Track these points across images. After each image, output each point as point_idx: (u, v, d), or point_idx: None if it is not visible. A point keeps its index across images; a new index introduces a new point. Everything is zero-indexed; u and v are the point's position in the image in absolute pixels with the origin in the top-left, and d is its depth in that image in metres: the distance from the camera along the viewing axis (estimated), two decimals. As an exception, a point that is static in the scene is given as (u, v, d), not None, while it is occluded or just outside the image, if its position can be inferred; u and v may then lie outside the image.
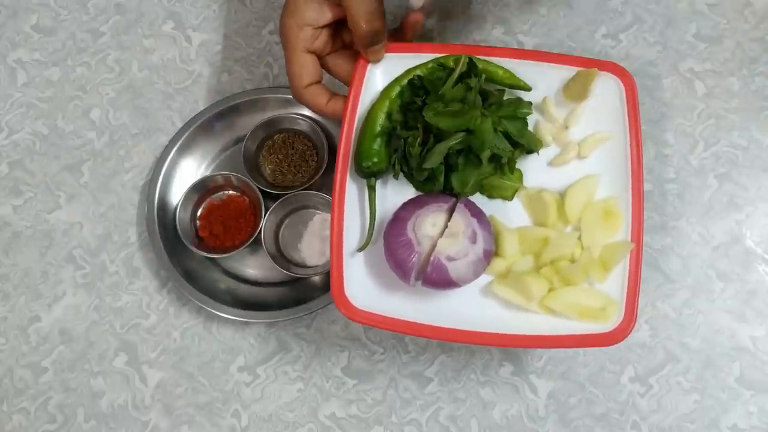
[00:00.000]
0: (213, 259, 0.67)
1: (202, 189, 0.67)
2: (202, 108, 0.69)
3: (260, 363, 0.64)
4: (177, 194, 0.67)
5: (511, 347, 0.58)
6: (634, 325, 0.52)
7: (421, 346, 0.64)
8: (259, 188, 0.65)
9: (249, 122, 0.67)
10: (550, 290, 0.53)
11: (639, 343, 0.63)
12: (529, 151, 0.55)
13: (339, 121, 0.54)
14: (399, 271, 0.51)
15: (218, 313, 0.63)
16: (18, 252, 0.68)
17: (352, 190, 0.54)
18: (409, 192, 0.55)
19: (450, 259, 0.50)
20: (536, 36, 0.70)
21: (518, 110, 0.54)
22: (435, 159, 0.52)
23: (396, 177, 0.55)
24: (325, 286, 0.64)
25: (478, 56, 0.54)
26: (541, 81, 0.55)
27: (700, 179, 0.66)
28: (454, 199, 0.53)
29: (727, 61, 0.69)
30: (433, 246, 0.51)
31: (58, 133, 0.71)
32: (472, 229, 0.51)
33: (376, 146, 0.53)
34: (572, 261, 0.54)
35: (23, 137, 0.71)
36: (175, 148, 0.67)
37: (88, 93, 0.72)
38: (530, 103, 0.55)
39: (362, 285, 0.53)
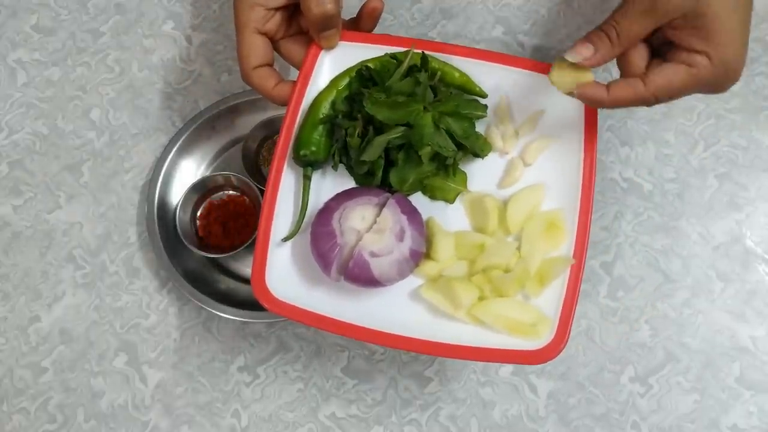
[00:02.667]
0: (213, 259, 0.67)
1: (202, 189, 0.67)
2: (202, 108, 0.69)
3: (260, 363, 0.64)
4: (177, 194, 0.67)
5: (433, 356, 0.55)
6: (564, 345, 0.49)
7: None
8: (259, 188, 0.65)
9: (249, 122, 0.67)
10: (480, 299, 0.50)
11: (639, 343, 0.63)
12: (475, 155, 0.53)
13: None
14: (321, 262, 0.49)
15: (218, 313, 0.63)
16: (18, 252, 0.68)
17: (289, 179, 0.52)
18: (348, 185, 0.53)
19: (373, 255, 0.48)
20: (536, 36, 0.70)
21: (467, 110, 0.52)
22: (373, 152, 0.50)
23: (335, 168, 0.53)
24: None
25: (435, 53, 0.52)
26: (500, 83, 0.53)
27: (700, 179, 0.66)
28: (387, 195, 0.51)
29: (727, 61, 0.69)
30: (359, 240, 0.49)
31: (58, 133, 0.71)
32: (400, 226, 0.49)
33: (316, 135, 0.52)
34: (506, 271, 0.51)
35: (23, 137, 0.71)
36: (175, 148, 0.67)
37: (88, 93, 0.72)
38: (485, 106, 0.53)
39: (286, 276, 0.51)
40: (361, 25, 0.55)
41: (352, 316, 0.50)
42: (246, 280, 0.67)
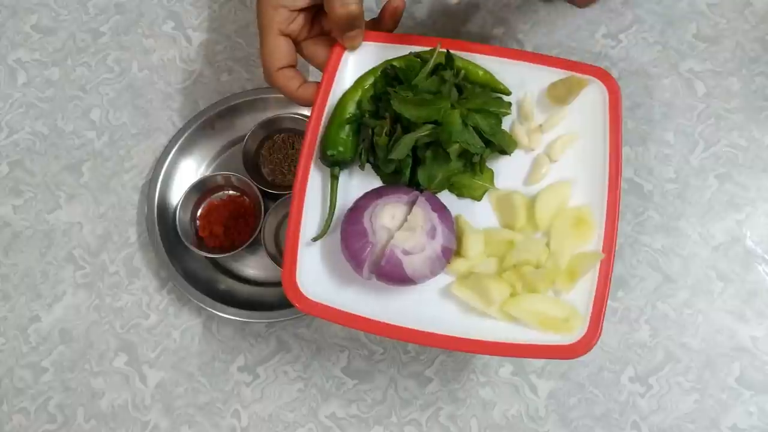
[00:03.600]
0: (213, 259, 0.67)
1: (202, 189, 0.67)
2: (202, 108, 0.69)
3: (260, 363, 0.64)
4: (177, 194, 0.67)
5: (466, 352, 0.55)
6: (597, 340, 0.49)
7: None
8: (259, 188, 0.65)
9: (249, 122, 0.67)
10: (511, 296, 0.50)
11: (639, 343, 0.63)
12: (502, 152, 0.53)
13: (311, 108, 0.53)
14: (353, 261, 0.49)
15: (218, 313, 0.63)
16: (18, 252, 0.68)
17: (316, 179, 0.52)
18: (375, 184, 0.53)
19: (406, 253, 0.48)
20: (536, 36, 0.70)
21: (494, 107, 0.52)
22: (401, 150, 0.50)
23: (362, 167, 0.53)
24: None
25: (459, 52, 0.53)
26: (523, 81, 0.54)
27: (700, 179, 0.66)
28: (416, 193, 0.50)
29: (727, 61, 0.69)
30: (390, 239, 0.48)
31: (58, 133, 0.71)
32: (431, 224, 0.48)
33: (343, 135, 0.51)
34: (537, 267, 0.51)
35: (23, 137, 0.71)
36: (175, 148, 0.67)
37: (88, 93, 0.72)
38: (509, 104, 0.53)
39: (317, 276, 0.51)
40: (382, 25, 0.55)
41: (384, 314, 0.49)
42: (246, 280, 0.67)
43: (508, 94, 0.54)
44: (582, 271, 0.50)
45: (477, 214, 0.53)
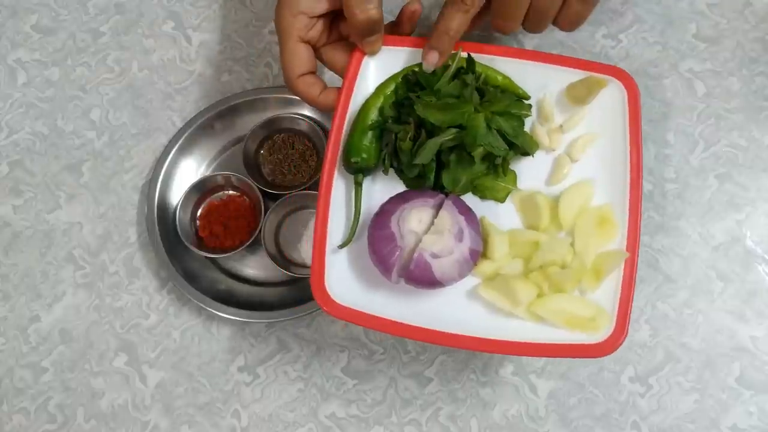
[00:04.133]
0: (213, 259, 0.67)
1: (202, 189, 0.67)
2: (202, 108, 0.69)
3: (260, 363, 0.64)
4: (177, 194, 0.67)
5: (495, 353, 0.56)
6: (624, 338, 0.49)
7: (421, 345, 0.64)
8: (259, 188, 0.65)
9: (249, 122, 0.67)
10: (538, 296, 0.51)
11: (639, 343, 0.63)
12: (524, 153, 0.54)
13: (331, 114, 0.54)
14: (381, 266, 0.50)
15: (218, 313, 0.63)
16: (18, 252, 0.68)
17: (339, 185, 0.53)
18: (398, 189, 0.54)
19: (434, 256, 0.48)
20: (536, 36, 0.70)
21: (515, 110, 0.52)
22: (426, 155, 0.50)
23: (386, 172, 0.54)
24: None
25: (478, 55, 0.53)
26: (542, 82, 0.54)
27: (700, 179, 0.66)
28: (441, 196, 0.51)
29: (727, 61, 0.69)
30: (418, 242, 0.49)
31: (58, 133, 0.71)
32: (458, 226, 0.49)
33: (366, 141, 0.52)
34: (563, 267, 0.52)
35: (23, 137, 0.71)
36: (175, 148, 0.67)
37: (88, 93, 0.72)
38: (530, 106, 0.54)
39: (344, 281, 0.52)
40: (400, 29, 0.55)
41: (412, 317, 0.50)
42: (246, 280, 0.67)
43: (528, 98, 0.54)
44: (607, 270, 0.51)
45: (501, 216, 0.54)
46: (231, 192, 0.68)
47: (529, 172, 0.54)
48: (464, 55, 0.53)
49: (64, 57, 0.73)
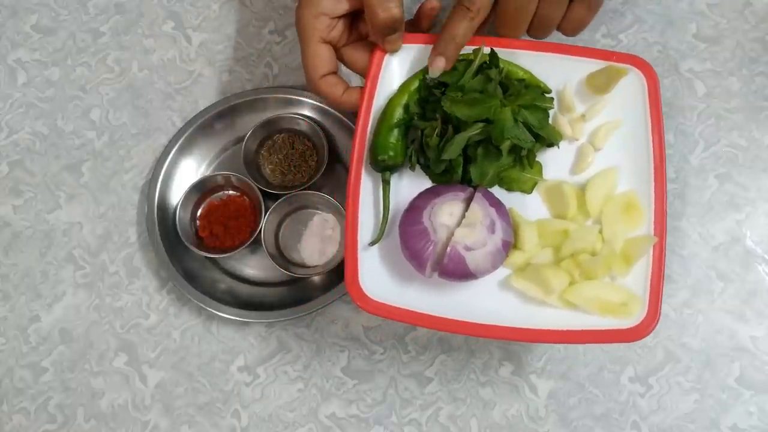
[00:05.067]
0: (213, 259, 0.67)
1: (202, 189, 0.67)
2: (202, 108, 0.69)
3: (260, 363, 0.64)
4: (177, 194, 0.67)
5: (530, 342, 0.56)
6: (657, 322, 0.50)
7: (421, 345, 0.64)
8: (259, 188, 0.65)
9: (249, 122, 0.67)
10: (570, 284, 0.52)
11: (639, 343, 0.63)
12: (549, 144, 0.54)
13: (354, 113, 0.54)
14: (415, 261, 0.50)
15: (218, 313, 0.63)
16: (18, 252, 0.68)
17: (366, 183, 0.54)
18: (424, 184, 0.54)
19: (468, 249, 0.49)
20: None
21: (540, 102, 0.53)
22: (454, 150, 0.51)
23: (413, 168, 0.54)
24: (325, 286, 0.64)
25: (498, 49, 0.53)
26: (562, 73, 0.55)
27: (700, 179, 0.66)
28: (470, 189, 0.52)
29: (727, 61, 0.69)
30: (450, 236, 0.49)
31: (58, 133, 0.71)
32: (490, 219, 0.49)
33: (392, 139, 0.53)
34: (593, 254, 0.52)
35: (23, 137, 0.71)
36: (175, 148, 0.67)
37: (88, 93, 0.72)
38: (551, 98, 0.54)
39: (377, 277, 0.52)
40: (419, 26, 0.56)
41: (445, 310, 0.51)
42: (246, 280, 0.67)
43: (549, 91, 0.55)
44: (637, 255, 0.51)
45: (528, 207, 0.54)
46: (231, 192, 0.68)
47: (554, 162, 0.55)
48: (487, 50, 0.53)
49: (64, 57, 0.73)
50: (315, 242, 0.66)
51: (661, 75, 0.68)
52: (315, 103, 0.67)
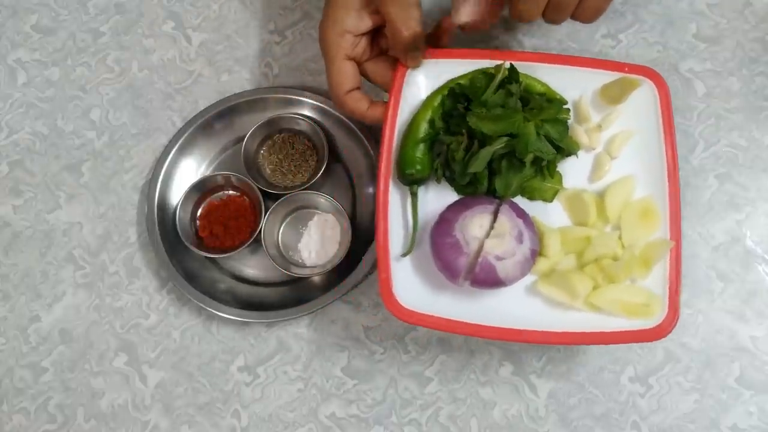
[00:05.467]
0: (213, 259, 0.67)
1: (202, 189, 0.67)
2: (202, 108, 0.69)
3: (260, 363, 0.64)
4: (177, 194, 0.67)
5: (558, 345, 0.58)
6: (677, 320, 0.53)
7: (421, 345, 0.64)
8: (259, 188, 0.65)
9: (249, 122, 0.67)
10: (594, 288, 0.54)
11: (639, 343, 0.63)
12: (569, 154, 0.56)
13: (378, 126, 0.56)
14: (447, 272, 0.52)
15: (218, 313, 0.63)
16: (18, 252, 0.68)
17: (393, 196, 0.56)
18: (449, 196, 0.56)
19: (498, 258, 0.51)
20: (536, 36, 0.70)
21: (560, 116, 0.55)
22: (479, 164, 0.53)
23: (438, 181, 0.57)
24: (325, 286, 0.64)
25: (518, 63, 0.56)
26: (577, 85, 0.57)
27: (700, 179, 0.66)
28: (497, 201, 0.54)
29: (727, 61, 0.69)
30: (480, 246, 0.52)
31: (58, 133, 0.71)
32: (518, 229, 0.52)
33: (418, 154, 0.55)
34: (614, 259, 0.55)
35: (23, 137, 0.71)
36: (175, 148, 0.67)
37: (88, 93, 0.72)
38: (568, 110, 0.57)
39: (409, 286, 0.54)
40: (439, 42, 0.57)
41: (476, 316, 0.53)
42: (246, 280, 0.67)
43: (565, 103, 0.57)
44: (655, 258, 0.54)
45: (550, 215, 0.57)
46: (231, 192, 0.68)
47: (572, 171, 0.57)
48: (507, 65, 0.55)
49: (64, 57, 0.73)
50: (315, 242, 0.66)
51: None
52: (315, 103, 0.67)
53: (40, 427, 0.64)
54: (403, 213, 0.56)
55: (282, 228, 0.67)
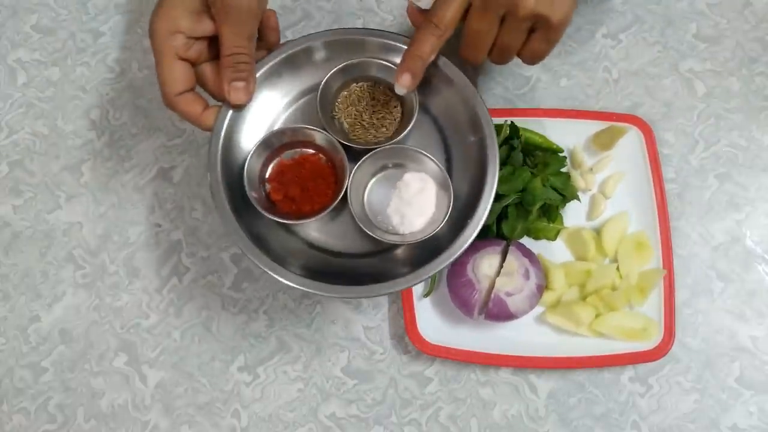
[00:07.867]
0: (286, 226, 0.58)
1: (270, 147, 0.57)
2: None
3: (260, 363, 0.64)
4: (243, 151, 0.57)
5: (567, 369, 0.62)
6: (673, 342, 0.59)
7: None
8: (339, 141, 0.56)
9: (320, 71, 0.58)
10: (596, 316, 0.61)
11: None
12: (570, 200, 0.63)
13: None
14: (464, 308, 0.59)
15: (288, 282, 0.53)
16: (18, 252, 0.68)
17: None
18: None
19: (508, 294, 0.58)
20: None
21: (562, 167, 0.63)
22: (492, 216, 0.60)
23: None
24: (413, 263, 0.55)
25: (518, 119, 0.63)
26: (570, 134, 0.65)
27: (700, 179, 0.66)
28: (505, 242, 0.60)
29: (727, 61, 0.69)
30: (491, 284, 0.58)
31: (58, 133, 0.71)
32: (525, 267, 0.59)
33: None
34: (613, 289, 0.61)
35: (23, 137, 0.71)
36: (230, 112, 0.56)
37: (88, 93, 0.72)
38: (565, 158, 0.64)
39: (431, 322, 0.62)
40: (267, 40, 0.56)
41: (492, 346, 0.60)
42: (324, 250, 0.58)
43: (561, 151, 0.64)
44: (650, 286, 0.61)
45: (554, 252, 0.64)
46: (306, 150, 0.58)
47: (571, 211, 0.64)
48: (509, 122, 0.61)
49: (64, 57, 0.73)
50: (406, 206, 0.57)
51: (661, 75, 0.69)
52: (392, 43, 0.58)
53: (40, 427, 0.64)
54: None
55: (367, 189, 0.59)
